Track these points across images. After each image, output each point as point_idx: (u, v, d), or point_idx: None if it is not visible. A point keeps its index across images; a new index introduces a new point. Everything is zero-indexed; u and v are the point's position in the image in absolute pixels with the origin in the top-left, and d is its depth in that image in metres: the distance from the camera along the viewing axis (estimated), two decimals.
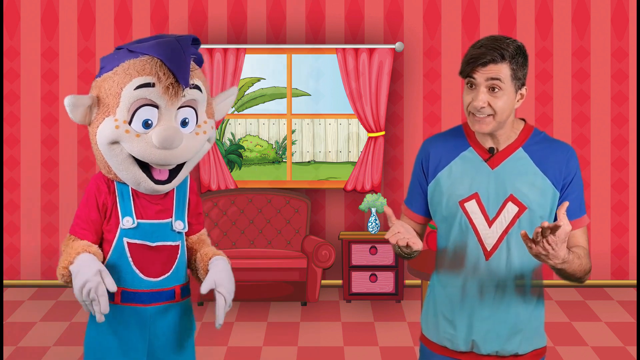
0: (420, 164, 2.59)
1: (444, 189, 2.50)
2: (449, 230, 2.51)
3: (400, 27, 6.61)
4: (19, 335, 5.51)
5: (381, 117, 6.49)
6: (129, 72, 2.65)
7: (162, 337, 2.82)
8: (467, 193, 2.47)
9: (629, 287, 6.64)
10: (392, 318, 5.92)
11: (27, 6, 6.61)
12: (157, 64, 2.63)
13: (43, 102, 6.65)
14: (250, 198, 6.57)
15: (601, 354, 5.12)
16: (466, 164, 2.49)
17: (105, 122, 2.66)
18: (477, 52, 2.38)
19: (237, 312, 6.06)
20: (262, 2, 6.61)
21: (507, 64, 2.36)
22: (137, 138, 2.64)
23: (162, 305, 2.81)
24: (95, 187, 2.75)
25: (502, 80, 2.36)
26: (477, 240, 2.46)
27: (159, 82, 2.62)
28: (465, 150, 2.51)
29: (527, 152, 2.48)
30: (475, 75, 2.38)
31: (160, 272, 2.80)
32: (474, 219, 2.46)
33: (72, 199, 6.68)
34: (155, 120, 2.66)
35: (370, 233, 6.37)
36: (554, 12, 6.59)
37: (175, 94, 2.65)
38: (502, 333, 2.49)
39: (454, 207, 2.48)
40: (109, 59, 2.76)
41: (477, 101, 2.37)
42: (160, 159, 2.66)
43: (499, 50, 2.36)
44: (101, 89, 2.70)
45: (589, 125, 6.63)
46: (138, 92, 2.63)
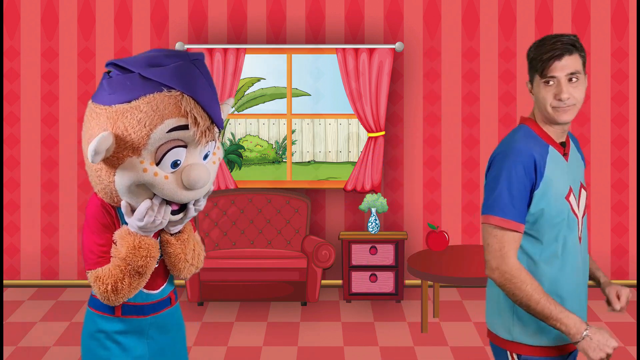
0: (524, 172, 2.50)
1: (550, 190, 2.55)
2: (558, 228, 2.57)
3: (400, 27, 6.61)
4: (19, 335, 5.51)
5: (381, 117, 6.49)
6: (159, 112, 2.43)
7: (160, 341, 2.86)
8: (566, 189, 2.60)
9: (629, 287, 6.64)
10: (392, 318, 5.92)
11: (27, 6, 6.61)
12: (191, 103, 2.45)
13: (43, 102, 6.65)
14: (250, 198, 6.57)
15: None
16: (555, 162, 2.61)
17: (130, 162, 2.48)
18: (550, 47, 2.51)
19: (237, 312, 6.06)
20: (262, 2, 6.61)
21: (578, 55, 2.54)
22: (166, 180, 2.51)
23: (161, 314, 2.85)
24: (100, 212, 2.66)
25: (579, 71, 2.53)
26: (577, 230, 2.64)
27: (196, 127, 2.46)
28: (549, 150, 2.61)
29: (572, 142, 2.75)
30: (555, 72, 2.51)
31: (159, 283, 2.83)
32: (576, 211, 2.64)
33: (72, 199, 6.68)
34: (182, 159, 2.53)
35: (370, 233, 6.37)
36: (554, 12, 6.59)
37: (211, 136, 2.52)
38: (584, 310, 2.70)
39: (563, 204, 2.58)
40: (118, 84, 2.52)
41: (563, 93, 2.51)
42: (188, 199, 2.60)
43: (569, 42, 2.52)
44: (118, 123, 2.47)
45: (589, 125, 6.63)
46: (171, 135, 2.46)
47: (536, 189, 2.51)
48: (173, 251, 2.76)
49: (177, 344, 2.94)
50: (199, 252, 2.88)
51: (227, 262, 6.12)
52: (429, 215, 6.70)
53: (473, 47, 6.61)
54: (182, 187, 2.54)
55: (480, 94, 6.62)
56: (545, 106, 2.55)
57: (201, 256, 2.90)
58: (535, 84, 2.57)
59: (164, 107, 2.44)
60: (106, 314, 2.76)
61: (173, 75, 2.47)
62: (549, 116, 2.56)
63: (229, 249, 6.43)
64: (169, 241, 2.76)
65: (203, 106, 2.47)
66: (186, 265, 2.81)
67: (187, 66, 2.50)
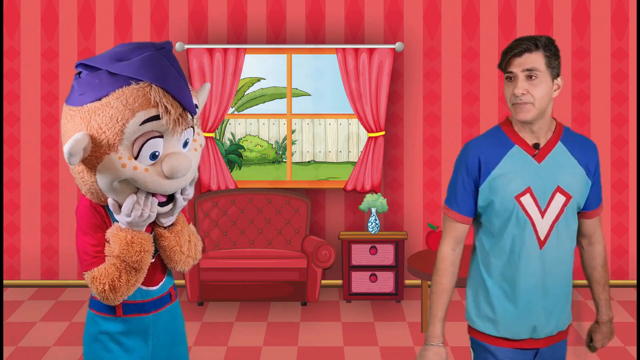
0: (467, 169, 2.67)
1: (497, 187, 2.62)
2: (505, 225, 2.63)
3: (400, 27, 6.61)
4: (19, 335, 5.51)
5: (381, 117, 6.49)
6: (129, 104, 2.44)
7: (162, 338, 2.85)
8: (521, 188, 2.60)
9: (629, 287, 6.64)
10: (392, 318, 5.92)
11: (27, 6, 6.61)
12: (160, 93, 2.46)
13: (43, 102, 6.65)
14: (250, 198, 6.57)
15: (601, 354, 5.12)
16: (515, 161, 2.62)
17: (108, 160, 2.48)
18: (512, 45, 2.57)
19: (237, 312, 6.06)
20: (262, 2, 6.61)
21: (541, 53, 2.55)
22: (146, 173, 2.52)
23: (163, 310, 2.85)
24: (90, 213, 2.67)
25: (537, 69, 2.53)
26: (533, 231, 2.61)
27: (168, 115, 2.47)
28: (512, 149, 2.64)
29: (565, 145, 2.67)
30: (512, 68, 2.55)
31: (158, 280, 2.81)
32: (530, 212, 2.61)
33: (72, 199, 6.68)
34: (161, 149, 2.54)
35: (370, 233, 6.37)
36: (554, 12, 6.60)
37: (185, 123, 2.53)
38: (554, 315, 2.67)
39: (511, 202, 2.60)
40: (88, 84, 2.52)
41: (517, 89, 2.54)
42: (171, 188, 2.59)
43: (532, 40, 2.55)
44: (92, 122, 2.47)
45: (589, 125, 6.63)
46: (144, 127, 2.47)
47: (480, 185, 2.64)
48: (167, 244, 2.75)
49: (179, 341, 2.94)
50: (195, 242, 2.86)
51: (227, 262, 6.12)
52: (429, 215, 6.71)
53: (473, 47, 6.61)
54: (164, 178, 2.54)
55: (480, 94, 6.63)
56: (508, 103, 2.59)
57: (198, 246, 2.87)
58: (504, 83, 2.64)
59: (133, 100, 2.44)
60: (107, 315, 2.75)
61: (140, 67, 2.46)
62: (513, 114, 2.61)
63: (229, 249, 6.43)
64: (163, 234, 2.74)
65: (173, 94, 2.47)
66: (182, 257, 2.79)
67: (153, 57, 2.49)
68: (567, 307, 2.72)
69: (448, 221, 2.72)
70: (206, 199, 6.52)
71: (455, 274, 2.72)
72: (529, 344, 2.68)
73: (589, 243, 2.83)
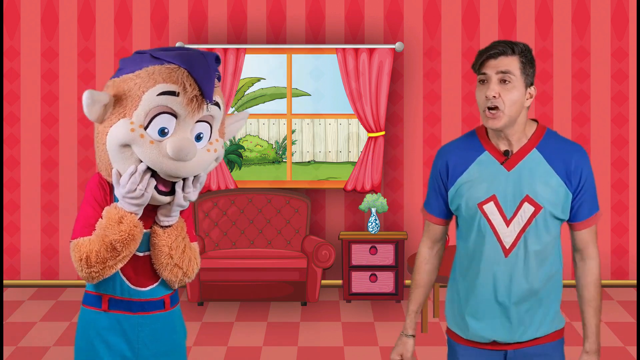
0: (438, 172, 2.69)
1: (463, 193, 2.61)
2: (469, 230, 2.63)
3: (400, 27, 6.61)
4: (19, 335, 5.51)
5: (381, 117, 6.49)
6: (154, 76, 2.58)
7: (151, 346, 2.80)
8: (485, 196, 2.58)
9: (629, 287, 6.64)
10: (392, 318, 5.92)
11: (27, 6, 6.61)
12: (184, 74, 2.58)
13: (43, 102, 6.65)
14: (250, 198, 6.57)
15: (601, 354, 5.12)
16: (483, 168, 2.59)
17: (120, 123, 2.58)
18: (488, 46, 2.54)
19: (237, 312, 6.06)
20: (262, 2, 6.61)
21: (517, 58, 2.50)
22: (151, 145, 2.57)
23: (152, 315, 2.80)
24: (96, 187, 2.70)
25: (512, 72, 2.49)
26: (495, 239, 2.58)
27: (184, 93, 2.56)
28: (481, 155, 2.61)
29: (540, 152, 2.58)
30: (486, 69, 2.51)
31: (148, 282, 2.78)
32: (493, 220, 2.57)
33: (72, 199, 6.68)
34: (171, 129, 2.59)
35: (370, 233, 6.37)
36: (554, 12, 6.60)
37: (198, 107, 2.59)
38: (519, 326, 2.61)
39: (473, 209, 2.59)
40: (130, 61, 2.70)
41: (489, 91, 2.49)
42: (171, 170, 2.60)
43: (509, 44, 2.51)
44: (119, 89, 2.62)
45: (589, 125, 6.63)
46: (160, 99, 2.56)
47: (448, 189, 2.66)
48: (157, 242, 2.72)
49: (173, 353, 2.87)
50: (190, 257, 2.81)
51: (227, 262, 6.12)
52: None
53: (473, 47, 6.61)
54: (167, 157, 2.58)
55: None
56: (480, 108, 2.55)
57: (192, 264, 2.81)
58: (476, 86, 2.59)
59: (158, 74, 2.59)
60: (94, 308, 2.74)
61: (178, 56, 2.62)
62: (483, 122, 2.56)
63: (229, 249, 6.43)
64: (156, 231, 2.73)
65: (196, 79, 2.58)
66: (170, 262, 2.74)
67: (195, 52, 2.65)
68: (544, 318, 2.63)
69: (425, 222, 2.79)
70: (206, 199, 6.52)
71: (430, 271, 2.78)
72: (492, 346, 2.65)
73: (581, 258, 2.68)
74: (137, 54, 2.73)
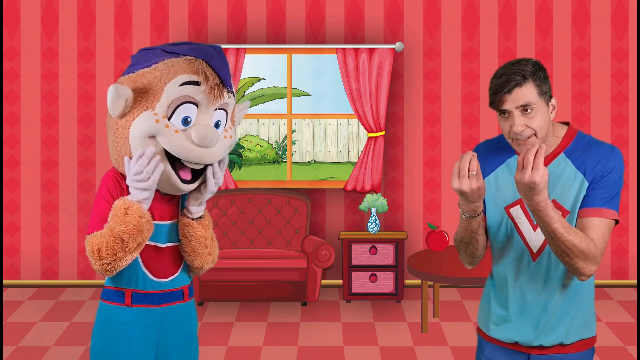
0: None
1: (490, 195, 2.59)
2: (497, 233, 2.62)
3: (400, 27, 6.61)
4: (19, 335, 5.51)
5: (381, 117, 6.49)
6: (174, 68, 2.65)
7: (170, 337, 2.86)
8: (512, 199, 2.56)
9: (629, 287, 6.64)
10: (392, 318, 5.92)
11: (27, 6, 6.61)
12: (203, 64, 2.66)
13: (43, 102, 6.65)
14: (250, 198, 6.57)
15: (601, 354, 5.12)
16: (511, 171, 2.58)
17: (144, 115, 2.64)
18: (499, 81, 2.45)
19: (237, 312, 6.06)
20: (262, 2, 6.61)
21: (531, 83, 2.43)
22: (177, 134, 2.64)
23: (173, 306, 2.85)
24: (112, 180, 2.72)
25: (531, 102, 2.43)
26: (522, 243, 2.57)
27: (206, 82, 2.64)
28: (511, 158, 2.60)
29: (568, 157, 2.55)
30: (505, 106, 2.45)
31: (169, 272, 2.83)
32: (520, 224, 2.56)
33: (72, 199, 6.68)
34: (193, 118, 2.68)
35: (370, 233, 6.37)
36: (554, 12, 6.59)
37: (220, 94, 2.68)
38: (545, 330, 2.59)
39: (500, 212, 2.58)
40: (141, 56, 2.76)
41: (515, 127, 2.44)
42: (197, 156, 2.67)
43: (519, 73, 2.42)
44: (138, 83, 2.68)
45: (589, 125, 6.63)
46: (182, 89, 2.64)
47: None
48: (195, 234, 2.80)
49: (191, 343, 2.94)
50: (215, 244, 2.94)
51: (227, 262, 6.12)
52: (429, 215, 6.70)
53: (473, 47, 6.61)
54: (192, 144, 2.65)
55: (480, 94, 6.62)
56: (507, 139, 2.51)
57: (217, 250, 2.95)
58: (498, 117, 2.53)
59: (178, 65, 2.67)
60: (116, 304, 2.76)
61: (190, 49, 2.71)
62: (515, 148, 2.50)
63: (229, 249, 6.43)
64: (191, 224, 2.80)
65: (214, 68, 2.67)
66: (205, 251, 2.85)
67: (205, 46, 2.75)
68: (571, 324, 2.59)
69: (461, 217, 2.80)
70: None
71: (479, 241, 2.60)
72: (517, 347, 2.65)
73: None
74: (145, 51, 2.78)
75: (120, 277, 2.75)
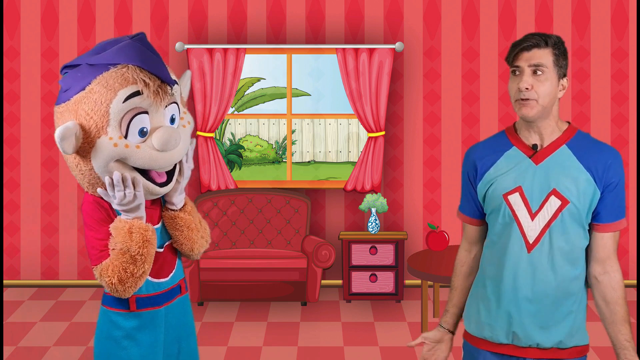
0: (466, 173, 2.71)
1: (490, 184, 2.61)
2: (494, 222, 2.62)
3: (400, 27, 6.61)
4: (19, 335, 5.51)
5: (381, 117, 6.49)
6: (110, 85, 2.55)
7: (173, 331, 2.90)
8: (511, 186, 2.57)
9: (629, 287, 6.64)
10: (392, 318, 5.92)
11: (27, 6, 6.61)
12: (136, 70, 2.57)
13: (43, 102, 6.65)
14: (250, 198, 6.57)
15: (601, 354, 5.12)
16: (511, 161, 2.59)
17: (99, 144, 2.57)
18: (521, 40, 2.54)
19: (237, 312, 6.06)
20: (262, 2, 6.61)
21: (550, 50, 2.52)
22: (138, 149, 2.59)
23: (173, 302, 2.88)
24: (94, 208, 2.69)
25: (545, 65, 2.51)
26: (519, 232, 2.55)
27: (147, 88, 2.57)
28: (509, 150, 2.62)
29: (570, 149, 2.57)
30: (519, 62, 2.52)
31: (168, 271, 2.85)
32: (517, 211, 2.55)
33: (72, 199, 6.68)
34: (149, 126, 2.62)
35: (370, 233, 6.37)
36: (554, 12, 6.60)
37: (165, 94, 2.63)
38: (542, 326, 2.56)
39: (499, 199, 2.58)
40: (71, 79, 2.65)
41: (522, 83, 2.50)
42: (167, 162, 2.65)
43: (542, 37, 2.53)
44: (78, 112, 2.58)
45: (589, 125, 6.63)
46: (127, 104, 2.56)
47: (477, 184, 2.66)
48: (184, 223, 2.82)
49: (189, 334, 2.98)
50: (204, 226, 2.94)
51: (227, 262, 6.12)
52: (429, 215, 6.71)
53: (473, 47, 6.61)
54: (156, 151, 2.62)
55: (480, 94, 6.63)
56: (512, 99, 2.56)
57: (207, 230, 2.95)
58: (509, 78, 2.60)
59: (113, 81, 2.56)
60: (121, 310, 2.76)
61: (115, 54, 2.60)
62: (516, 111, 2.58)
63: (229, 249, 6.43)
64: (178, 215, 2.81)
65: (149, 70, 2.59)
66: (198, 235, 2.86)
67: (127, 44, 2.63)
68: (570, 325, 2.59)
69: (463, 224, 2.80)
70: (206, 199, 6.52)
71: (466, 273, 2.77)
72: (510, 351, 2.59)
73: (604, 271, 2.61)
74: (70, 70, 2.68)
75: None
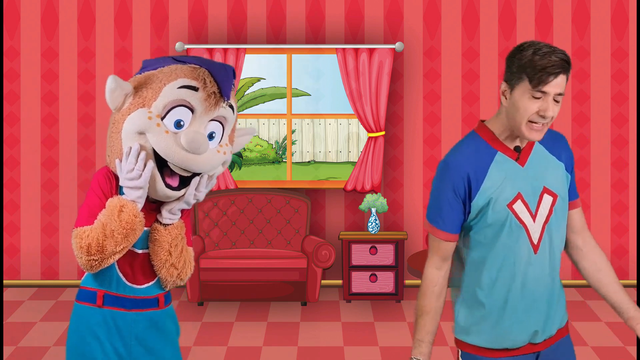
0: (452, 187, 2.52)
1: (491, 197, 2.51)
2: (497, 234, 2.53)
3: (400, 27, 6.61)
4: (19, 335, 5.51)
5: (381, 117, 6.49)
6: (176, 72, 2.70)
7: (144, 343, 2.81)
8: (512, 195, 2.53)
9: (629, 287, 6.64)
10: (392, 318, 5.92)
11: (27, 6, 6.61)
12: (205, 72, 2.69)
13: (43, 102, 6.65)
14: (250, 198, 6.57)
15: (601, 354, 5.12)
16: (501, 169, 2.54)
17: (138, 112, 2.66)
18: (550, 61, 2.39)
19: (237, 312, 6.06)
20: (262, 2, 6.61)
21: (567, 75, 2.45)
22: (166, 134, 2.64)
23: (145, 313, 2.81)
24: (103, 177, 2.72)
25: (563, 93, 2.46)
26: (527, 236, 2.54)
27: (204, 88, 2.66)
28: (496, 156, 2.55)
29: (541, 144, 2.61)
30: (548, 88, 2.40)
31: (143, 279, 2.79)
32: (523, 218, 2.54)
33: (72, 199, 6.68)
34: (187, 123, 2.68)
35: (370, 233, 6.37)
36: (554, 12, 6.60)
37: (216, 103, 2.68)
38: (551, 315, 2.61)
39: (504, 211, 2.51)
40: (153, 61, 2.83)
41: (548, 111, 2.41)
42: (182, 161, 2.65)
43: (565, 59, 2.41)
44: (140, 81, 2.73)
45: (589, 125, 6.63)
46: (180, 92, 2.66)
47: (472, 200, 2.52)
48: (158, 238, 2.74)
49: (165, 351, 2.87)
50: (186, 260, 2.82)
51: (227, 262, 6.12)
52: None
53: (473, 47, 6.61)
54: (179, 147, 2.65)
55: (480, 94, 6.63)
56: (522, 118, 2.44)
57: (187, 266, 2.83)
58: (519, 92, 2.44)
59: (180, 70, 2.72)
60: (88, 304, 2.75)
61: (200, 60, 2.77)
62: (518, 129, 2.47)
63: (229, 249, 6.43)
64: (157, 228, 2.75)
65: (215, 78, 2.69)
66: (168, 259, 2.75)
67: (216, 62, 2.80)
68: (563, 305, 2.67)
69: (434, 240, 2.60)
70: (206, 199, 6.52)
71: (438, 293, 2.66)
72: (528, 349, 2.61)
73: (585, 242, 2.69)
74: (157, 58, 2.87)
75: (95, 277, 2.73)
